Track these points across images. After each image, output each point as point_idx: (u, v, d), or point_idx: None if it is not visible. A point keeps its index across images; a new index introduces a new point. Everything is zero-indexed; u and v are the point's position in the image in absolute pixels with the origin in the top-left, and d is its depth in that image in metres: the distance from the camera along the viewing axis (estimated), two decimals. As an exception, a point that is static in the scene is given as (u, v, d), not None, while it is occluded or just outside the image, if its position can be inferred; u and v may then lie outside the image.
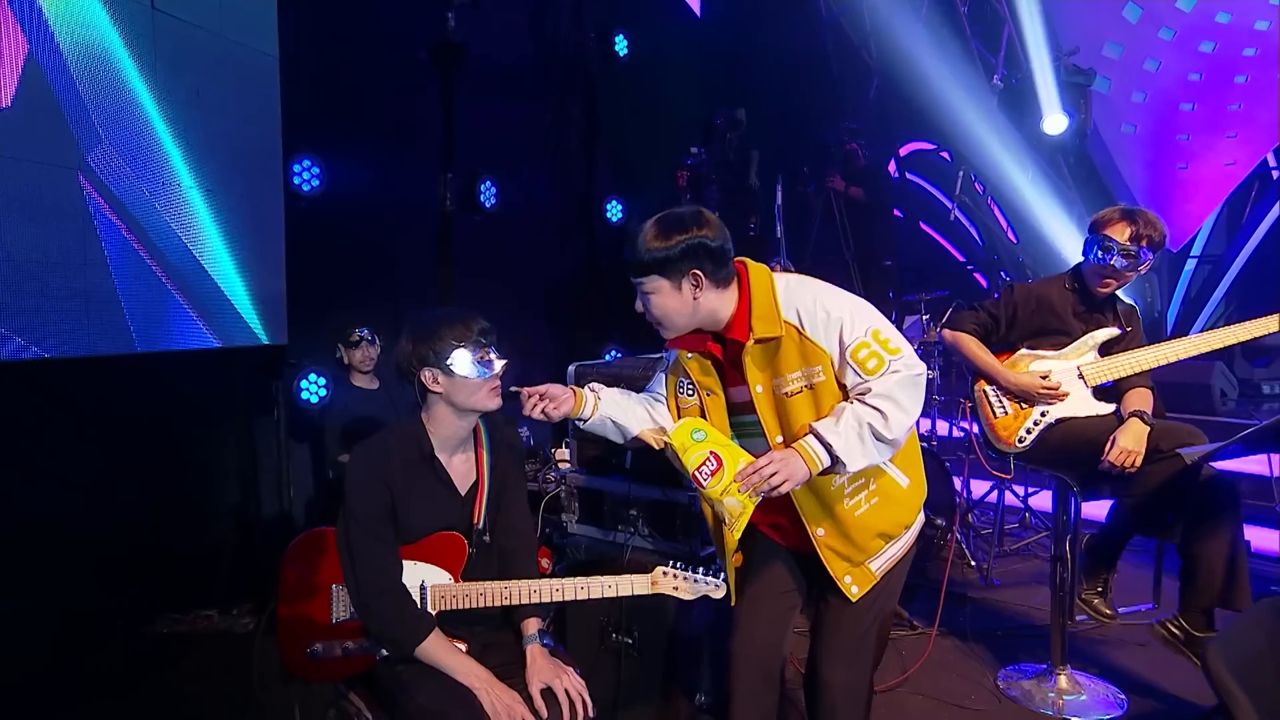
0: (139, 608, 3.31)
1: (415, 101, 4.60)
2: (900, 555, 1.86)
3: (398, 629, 1.76)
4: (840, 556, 1.80)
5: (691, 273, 1.67)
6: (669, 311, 1.72)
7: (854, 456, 1.63)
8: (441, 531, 1.87)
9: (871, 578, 1.82)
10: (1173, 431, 2.44)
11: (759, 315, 1.72)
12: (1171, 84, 6.78)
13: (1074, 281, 2.73)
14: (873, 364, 1.66)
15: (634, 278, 1.71)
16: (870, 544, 1.80)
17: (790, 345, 1.71)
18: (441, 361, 1.78)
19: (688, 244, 1.66)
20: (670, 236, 1.66)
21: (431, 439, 1.86)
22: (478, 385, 1.81)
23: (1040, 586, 3.85)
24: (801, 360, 1.71)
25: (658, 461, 2.45)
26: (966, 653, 3.21)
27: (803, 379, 1.71)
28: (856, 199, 6.67)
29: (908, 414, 1.65)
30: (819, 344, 1.70)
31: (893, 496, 1.81)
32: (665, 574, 1.85)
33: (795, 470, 1.62)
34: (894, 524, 1.82)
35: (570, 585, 1.83)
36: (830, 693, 1.86)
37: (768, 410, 1.75)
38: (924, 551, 3.88)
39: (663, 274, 1.67)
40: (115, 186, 2.77)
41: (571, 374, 2.65)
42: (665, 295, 1.70)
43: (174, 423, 3.44)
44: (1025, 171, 6.30)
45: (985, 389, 2.78)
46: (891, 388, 1.65)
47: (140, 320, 2.84)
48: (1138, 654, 3.16)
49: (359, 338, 3.70)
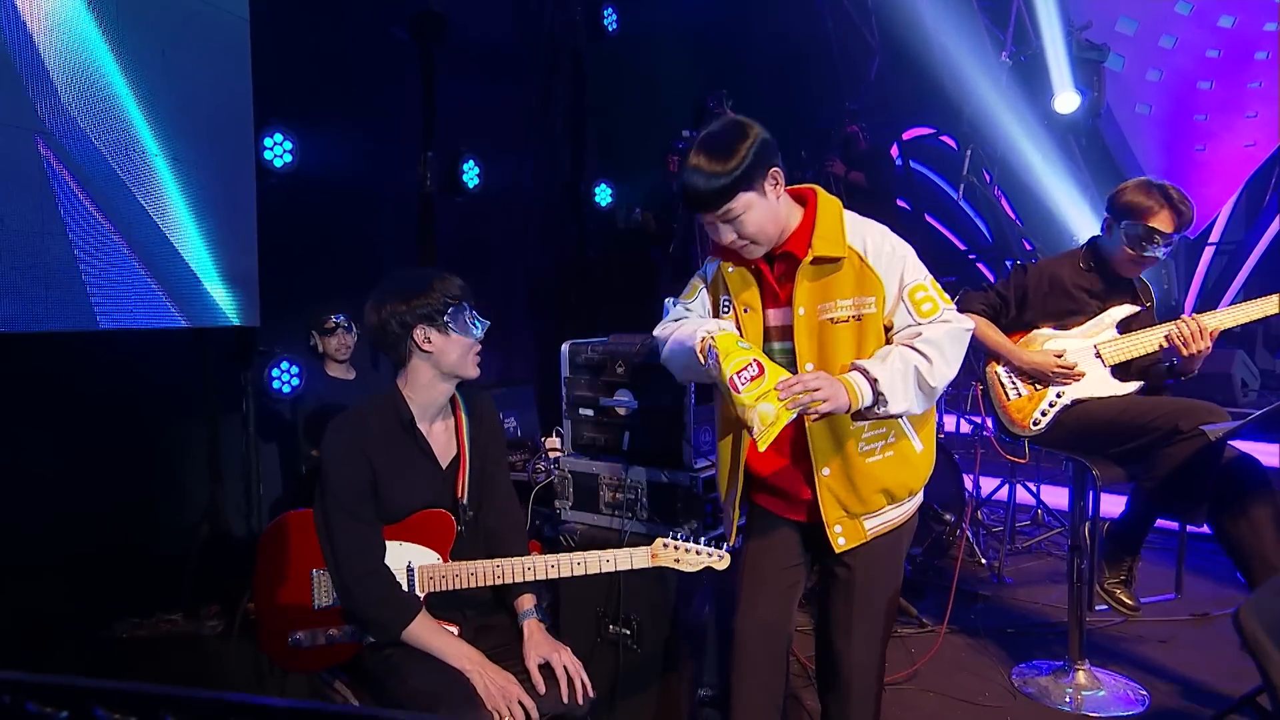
0: (96, 610, 3.27)
1: (394, 74, 4.60)
2: (897, 523, 1.89)
3: (383, 612, 1.76)
4: (838, 502, 1.83)
5: (771, 172, 1.71)
6: (764, 223, 1.73)
7: (896, 397, 1.66)
8: (428, 509, 1.87)
9: (862, 534, 1.85)
10: (1193, 410, 2.46)
11: (822, 235, 1.75)
12: (1189, 61, 6.85)
13: (1090, 259, 2.76)
14: (927, 307, 1.73)
15: (718, 208, 1.69)
16: (872, 497, 1.83)
17: (849, 271, 1.76)
18: (438, 319, 1.78)
19: (757, 146, 1.68)
20: (736, 149, 1.67)
21: (411, 407, 1.86)
22: (469, 346, 1.83)
23: (1054, 585, 3.89)
24: (857, 288, 1.76)
25: (657, 441, 2.46)
26: (978, 650, 3.23)
27: (853, 308, 1.75)
28: (857, 184, 6.70)
29: (950, 366, 1.71)
30: (879, 275, 1.75)
31: (906, 456, 1.85)
32: (666, 546, 1.87)
33: (838, 395, 1.64)
34: (899, 484, 1.85)
35: (566, 561, 1.84)
36: (845, 665, 1.90)
37: (805, 335, 1.78)
38: (932, 548, 3.91)
39: (750, 186, 1.69)
40: (75, 150, 2.74)
41: (565, 352, 2.65)
42: (757, 208, 1.71)
43: (136, 409, 3.41)
44: (1035, 153, 6.36)
45: (997, 370, 2.81)
46: (941, 336, 1.70)
47: (103, 295, 2.81)
48: (1159, 650, 3.19)
49: (334, 324, 3.68)
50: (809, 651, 2.31)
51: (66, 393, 3.17)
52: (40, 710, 0.59)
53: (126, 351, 3.21)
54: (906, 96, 7.28)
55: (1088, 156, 6.60)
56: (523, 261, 5.60)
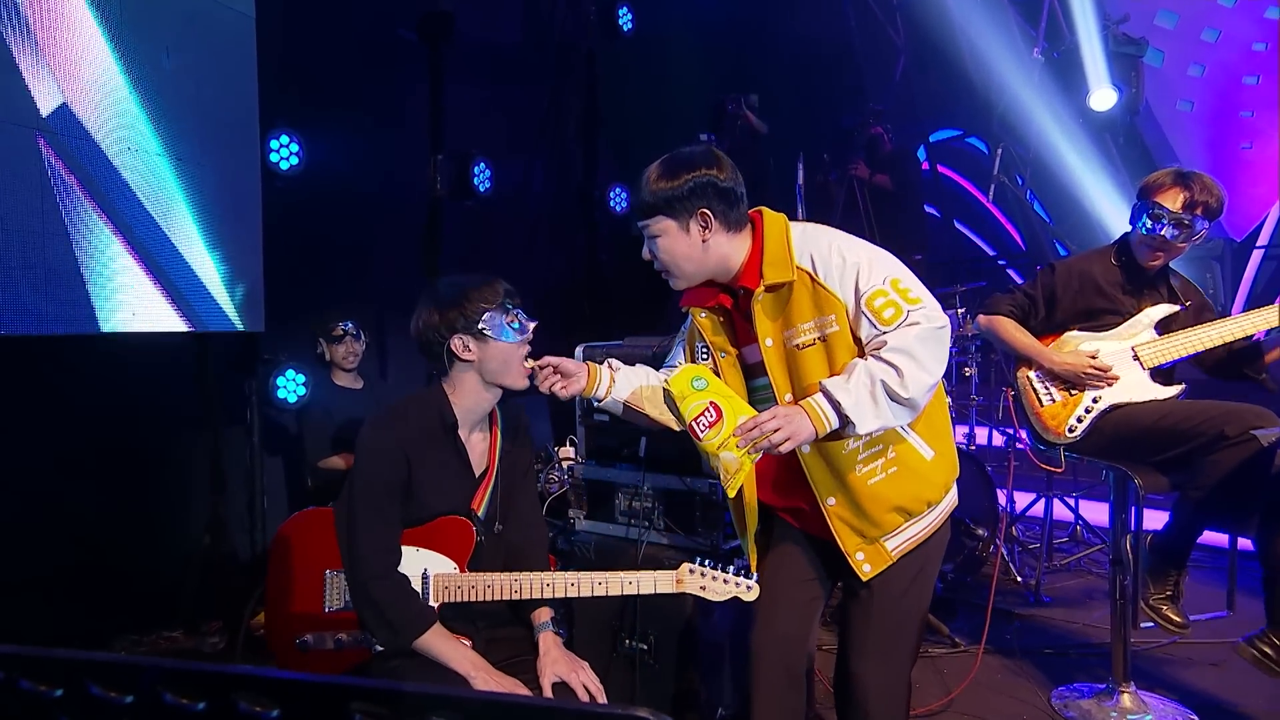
0: (92, 627, 3.29)
1: (403, 75, 4.66)
2: (923, 537, 1.84)
3: (396, 616, 1.76)
4: (852, 530, 1.80)
5: (700, 213, 1.72)
6: (677, 256, 1.76)
7: (865, 417, 1.63)
8: (449, 515, 1.88)
9: (887, 558, 1.81)
10: (1239, 414, 2.43)
11: (770, 261, 1.75)
12: (1233, 55, 6.80)
13: (1120, 254, 2.74)
14: (889, 313, 1.68)
15: (640, 220, 1.77)
16: (885, 519, 1.79)
17: (803, 292, 1.74)
18: (473, 326, 1.82)
19: (695, 182, 1.71)
20: (677, 175, 1.71)
21: (455, 411, 1.88)
22: (512, 352, 1.86)
23: (1095, 603, 3.84)
24: (815, 309, 1.74)
25: (674, 448, 2.46)
26: (1015, 671, 3.19)
27: (815, 330, 1.74)
28: (882, 187, 6.69)
29: (927, 371, 1.64)
30: (833, 291, 1.72)
31: (913, 468, 1.80)
32: (692, 572, 1.84)
33: (799, 428, 1.62)
34: (913, 499, 1.80)
35: (587, 580, 1.83)
36: (862, 690, 1.85)
37: (777, 366, 1.78)
38: (964, 565, 3.87)
39: (670, 214, 1.72)
40: (77, 150, 2.79)
41: (580, 355, 2.66)
42: (673, 237, 1.74)
43: (136, 417, 3.44)
44: (1070, 153, 6.33)
45: (1029, 375, 2.78)
46: (910, 341, 1.64)
47: (103, 299, 2.85)
48: (1210, 674, 3.13)
49: (342, 331, 3.71)
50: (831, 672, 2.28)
51: (64, 399, 3.20)
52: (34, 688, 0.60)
53: (127, 357, 3.25)
54: (933, 97, 7.28)
55: (1126, 156, 6.57)
56: (534, 267, 5.62)
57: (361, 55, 4.40)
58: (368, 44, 4.45)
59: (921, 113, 7.12)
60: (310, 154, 3.94)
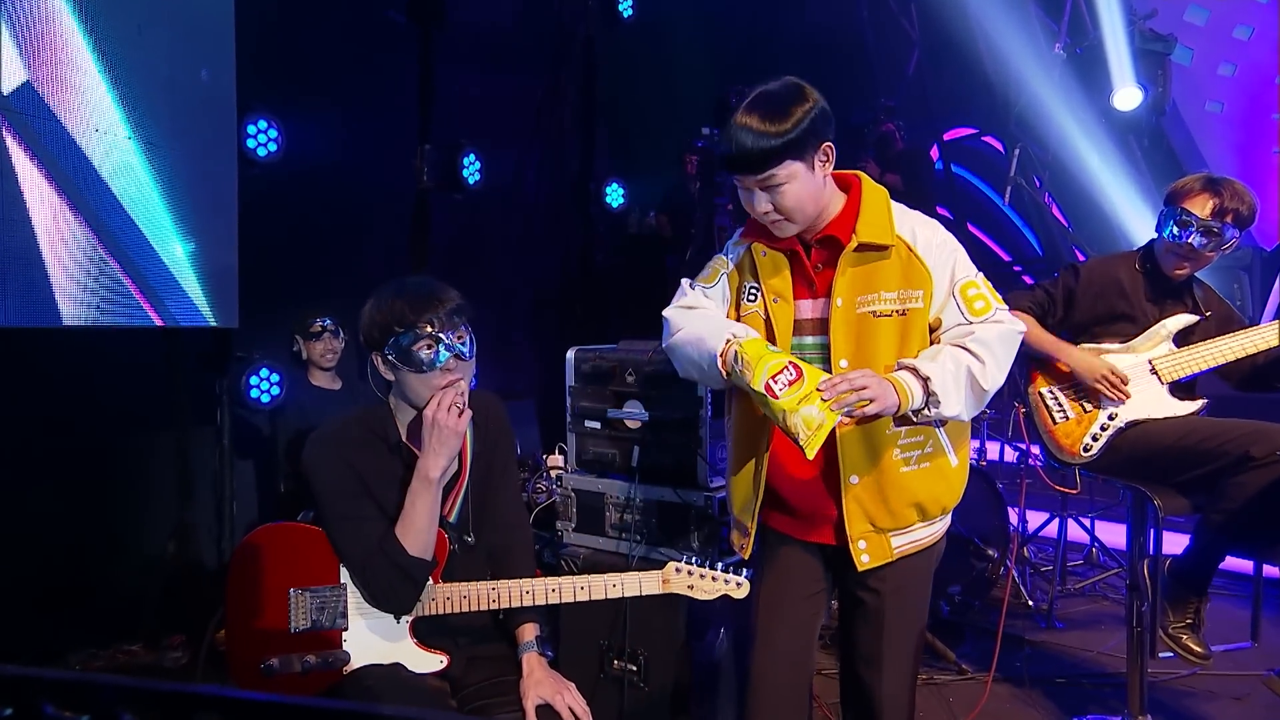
0: (46, 640, 3.27)
1: (390, 59, 4.65)
2: (926, 544, 1.89)
3: (403, 562, 1.77)
4: (865, 515, 1.81)
5: (824, 147, 1.72)
6: (804, 199, 1.73)
7: (950, 398, 1.67)
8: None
9: (888, 552, 1.84)
10: (1265, 434, 2.43)
11: (868, 220, 1.76)
12: (1266, 53, 6.82)
13: (1145, 261, 2.75)
14: (980, 305, 1.75)
15: (761, 172, 1.69)
16: (903, 511, 1.82)
17: (896, 261, 1.77)
18: (381, 348, 1.77)
19: (815, 114, 1.69)
20: (791, 112, 1.68)
21: (400, 427, 1.88)
22: (423, 383, 1.77)
23: (1110, 630, 3.84)
24: (903, 280, 1.77)
25: (669, 457, 2.46)
26: (1025, 701, 3.19)
27: (898, 301, 1.76)
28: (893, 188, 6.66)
29: (1001, 370, 1.73)
30: (929, 267, 1.76)
31: (941, 469, 1.85)
32: (679, 570, 1.86)
33: (886, 395, 1.64)
34: (933, 499, 1.84)
35: (569, 585, 1.83)
36: (876, 700, 1.88)
37: (842, 329, 1.78)
38: (972, 587, 3.86)
39: (798, 155, 1.68)
40: (40, 130, 2.78)
41: (571, 359, 2.66)
42: (802, 180, 1.71)
43: (98, 418, 3.43)
44: (1091, 154, 6.35)
45: (1041, 391, 2.78)
46: (993, 338, 1.72)
47: (66, 290, 2.84)
48: (1233, 709, 3.13)
49: (320, 328, 3.71)
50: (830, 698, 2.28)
51: (21, 397, 3.19)
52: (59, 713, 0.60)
53: (90, 353, 3.24)
54: (948, 93, 7.30)
55: (1150, 159, 6.59)
56: (525, 265, 5.62)
57: (346, 36, 4.39)
58: (353, 25, 4.45)
59: (935, 109, 7.13)
60: (290, 141, 3.93)
